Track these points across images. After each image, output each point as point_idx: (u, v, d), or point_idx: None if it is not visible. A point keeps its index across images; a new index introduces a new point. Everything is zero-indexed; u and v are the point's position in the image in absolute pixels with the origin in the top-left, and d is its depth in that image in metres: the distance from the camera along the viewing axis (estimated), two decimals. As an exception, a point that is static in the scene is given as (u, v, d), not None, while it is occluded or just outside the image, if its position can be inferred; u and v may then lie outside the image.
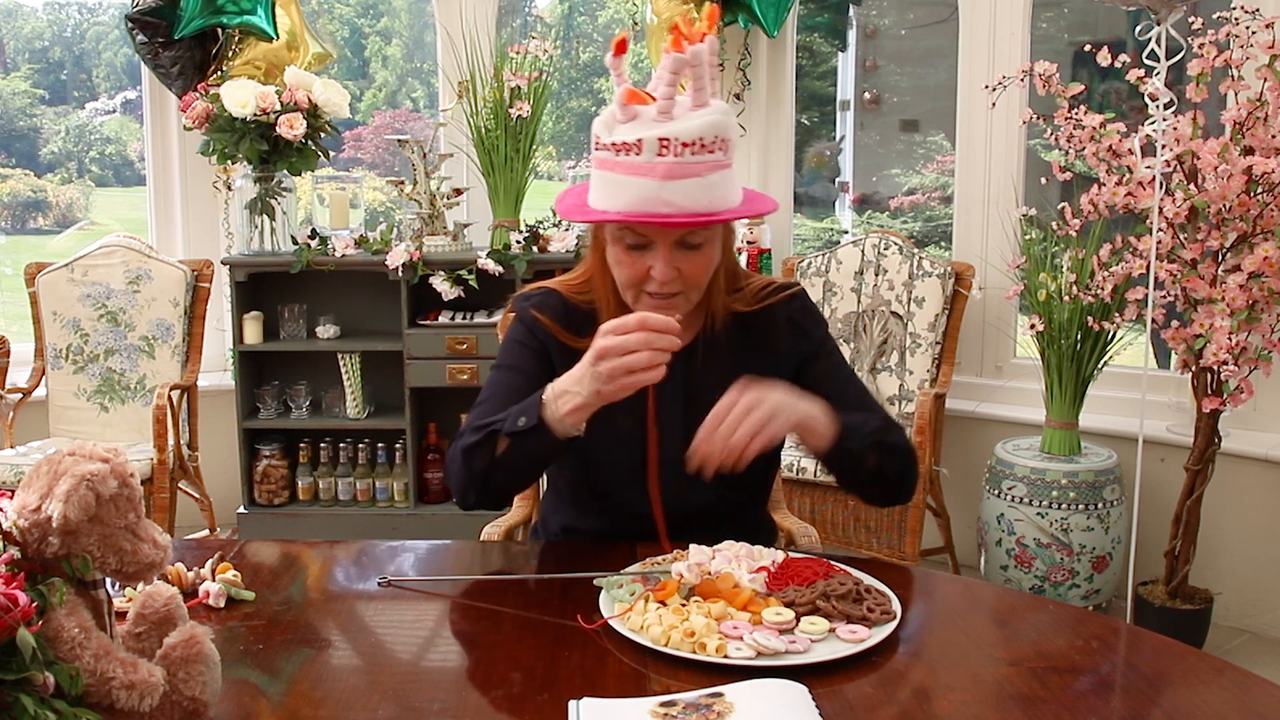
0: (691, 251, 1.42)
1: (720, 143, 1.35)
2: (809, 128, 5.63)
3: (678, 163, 1.32)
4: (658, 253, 1.40)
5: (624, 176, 1.35)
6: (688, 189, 1.33)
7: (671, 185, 1.33)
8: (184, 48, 3.54)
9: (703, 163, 1.34)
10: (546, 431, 1.35)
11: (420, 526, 3.55)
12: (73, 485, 0.88)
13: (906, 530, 3.02)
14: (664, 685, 1.07)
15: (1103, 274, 2.74)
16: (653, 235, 1.40)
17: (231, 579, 1.30)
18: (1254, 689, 1.09)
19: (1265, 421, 3.05)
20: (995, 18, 3.45)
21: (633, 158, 1.34)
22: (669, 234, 1.39)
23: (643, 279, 1.43)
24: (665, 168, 1.32)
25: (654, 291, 1.43)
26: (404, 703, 1.05)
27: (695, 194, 1.34)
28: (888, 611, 1.19)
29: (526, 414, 1.36)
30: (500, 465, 1.40)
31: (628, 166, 1.34)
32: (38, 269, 3.45)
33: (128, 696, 0.88)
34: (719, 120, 1.35)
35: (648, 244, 1.41)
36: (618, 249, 1.44)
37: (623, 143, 1.34)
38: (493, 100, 3.42)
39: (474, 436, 1.42)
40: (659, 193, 1.33)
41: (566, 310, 1.56)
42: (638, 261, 1.42)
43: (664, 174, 1.32)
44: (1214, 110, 2.59)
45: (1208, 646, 2.87)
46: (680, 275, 1.42)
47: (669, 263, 1.40)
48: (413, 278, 3.38)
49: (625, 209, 1.35)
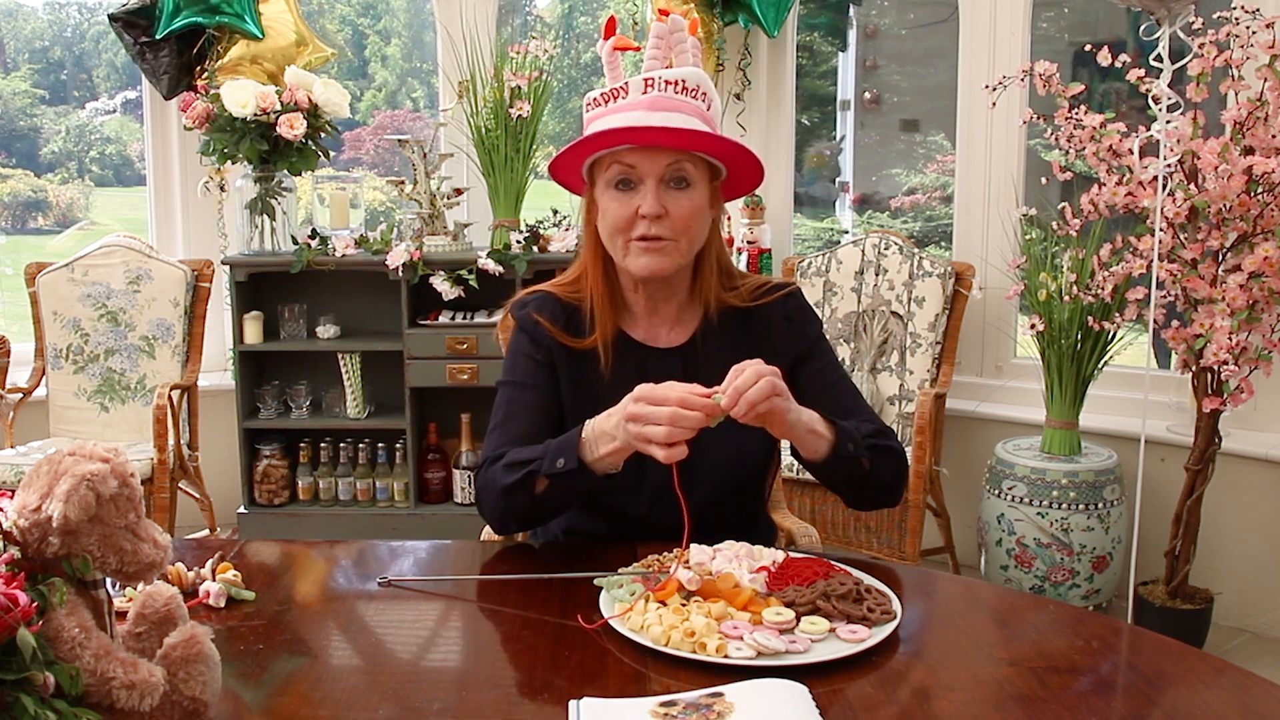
0: (679, 193, 1.45)
1: (702, 93, 1.44)
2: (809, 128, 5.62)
3: (662, 96, 1.41)
4: (645, 188, 1.43)
5: (610, 116, 1.42)
6: (671, 120, 1.40)
7: (657, 115, 1.40)
8: (169, 48, 3.54)
9: (685, 102, 1.42)
10: (587, 472, 1.37)
11: (420, 526, 3.55)
12: (73, 485, 0.88)
13: (906, 530, 3.02)
14: (664, 685, 1.07)
15: (1103, 274, 2.74)
16: (641, 168, 1.43)
17: (231, 579, 1.30)
18: (1254, 689, 1.09)
19: (1265, 421, 3.05)
20: (995, 18, 3.45)
21: (619, 101, 1.43)
22: (655, 163, 1.43)
23: (631, 222, 1.45)
24: (650, 100, 1.41)
25: (643, 234, 1.45)
26: (404, 703, 1.05)
27: (679, 125, 1.40)
28: (888, 611, 1.19)
29: (565, 455, 1.37)
30: (541, 503, 1.43)
31: (614, 109, 1.43)
32: (38, 269, 3.46)
33: (128, 696, 0.88)
34: (698, 73, 1.44)
35: (635, 180, 1.44)
36: (607, 196, 1.47)
37: (610, 90, 1.43)
38: (493, 100, 3.42)
39: (510, 476, 1.42)
40: (644, 120, 1.40)
41: (562, 311, 1.57)
42: (627, 202, 1.45)
43: (649, 105, 1.40)
44: (1214, 110, 2.59)
45: (1208, 646, 2.86)
46: (668, 216, 1.44)
47: (657, 197, 1.43)
48: (413, 278, 3.38)
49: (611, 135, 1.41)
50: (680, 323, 1.57)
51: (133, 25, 3.54)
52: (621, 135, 1.41)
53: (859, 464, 1.44)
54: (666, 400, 1.27)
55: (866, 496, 1.51)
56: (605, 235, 1.50)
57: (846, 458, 1.42)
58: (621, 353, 1.55)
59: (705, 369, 1.53)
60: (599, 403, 1.53)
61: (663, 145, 1.42)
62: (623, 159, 1.43)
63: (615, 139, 1.42)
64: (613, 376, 1.53)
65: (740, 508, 1.60)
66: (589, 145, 1.45)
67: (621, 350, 1.55)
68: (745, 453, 1.54)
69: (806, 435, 1.39)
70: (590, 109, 1.47)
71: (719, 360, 1.53)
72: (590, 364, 1.54)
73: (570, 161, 1.51)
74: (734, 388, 1.29)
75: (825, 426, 1.40)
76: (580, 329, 1.55)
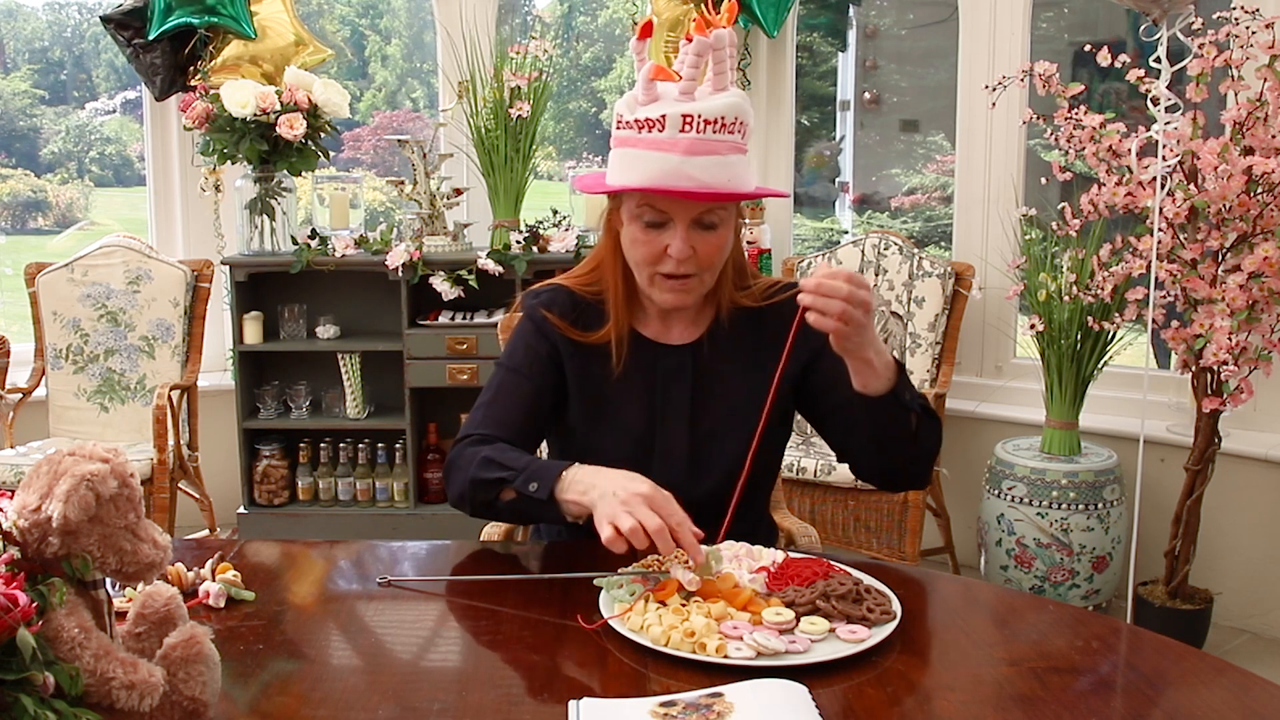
0: (707, 232, 1.44)
1: (740, 125, 1.39)
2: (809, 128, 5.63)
3: (700, 139, 1.36)
4: (675, 230, 1.42)
5: (646, 151, 1.38)
6: (708, 165, 1.37)
7: (693, 160, 1.36)
8: (162, 49, 3.54)
9: (723, 142, 1.38)
10: (553, 506, 1.37)
11: (420, 526, 3.55)
12: (73, 485, 0.88)
13: (906, 530, 3.02)
14: (664, 685, 1.07)
15: (1103, 274, 2.74)
16: (672, 212, 1.42)
17: (231, 579, 1.29)
18: (1254, 689, 1.08)
19: (1265, 421, 3.05)
20: (995, 18, 3.45)
21: (655, 134, 1.37)
22: (688, 210, 1.41)
23: (658, 258, 1.45)
24: (687, 143, 1.36)
25: (670, 272, 1.45)
26: (404, 703, 1.05)
27: (715, 171, 1.37)
28: (888, 611, 1.19)
29: (540, 481, 1.38)
30: (502, 510, 1.45)
31: (650, 142, 1.38)
32: (38, 269, 3.45)
33: (128, 696, 0.88)
34: (739, 104, 1.39)
35: (665, 222, 1.43)
36: (635, 227, 1.45)
37: (646, 119, 1.38)
38: (493, 100, 3.42)
39: (484, 472, 1.43)
40: (681, 167, 1.36)
41: (575, 306, 1.57)
42: (654, 240, 1.44)
43: (686, 149, 1.36)
44: (1214, 110, 2.59)
45: (1208, 646, 2.87)
46: (695, 255, 1.44)
47: (686, 240, 1.42)
48: (413, 278, 3.38)
49: (646, 182, 1.38)
50: (693, 322, 1.58)
51: (125, 26, 3.54)
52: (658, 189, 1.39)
53: (908, 418, 1.42)
54: (670, 516, 1.26)
55: (902, 461, 1.47)
56: (631, 262, 1.50)
57: (901, 405, 1.40)
58: (633, 349, 1.55)
59: (714, 367, 1.55)
60: (607, 397, 1.54)
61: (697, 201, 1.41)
62: (655, 203, 1.42)
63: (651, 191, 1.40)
64: (623, 372, 1.53)
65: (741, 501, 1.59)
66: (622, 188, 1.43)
67: (632, 347, 1.55)
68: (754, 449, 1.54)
69: (868, 365, 1.36)
70: (622, 126, 1.42)
71: (728, 359, 1.55)
72: (600, 359, 1.54)
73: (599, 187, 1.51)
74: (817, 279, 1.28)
75: (889, 368, 1.38)
76: (591, 323, 1.56)
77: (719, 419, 1.54)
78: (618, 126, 1.43)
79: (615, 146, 1.44)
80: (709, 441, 1.54)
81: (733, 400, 1.54)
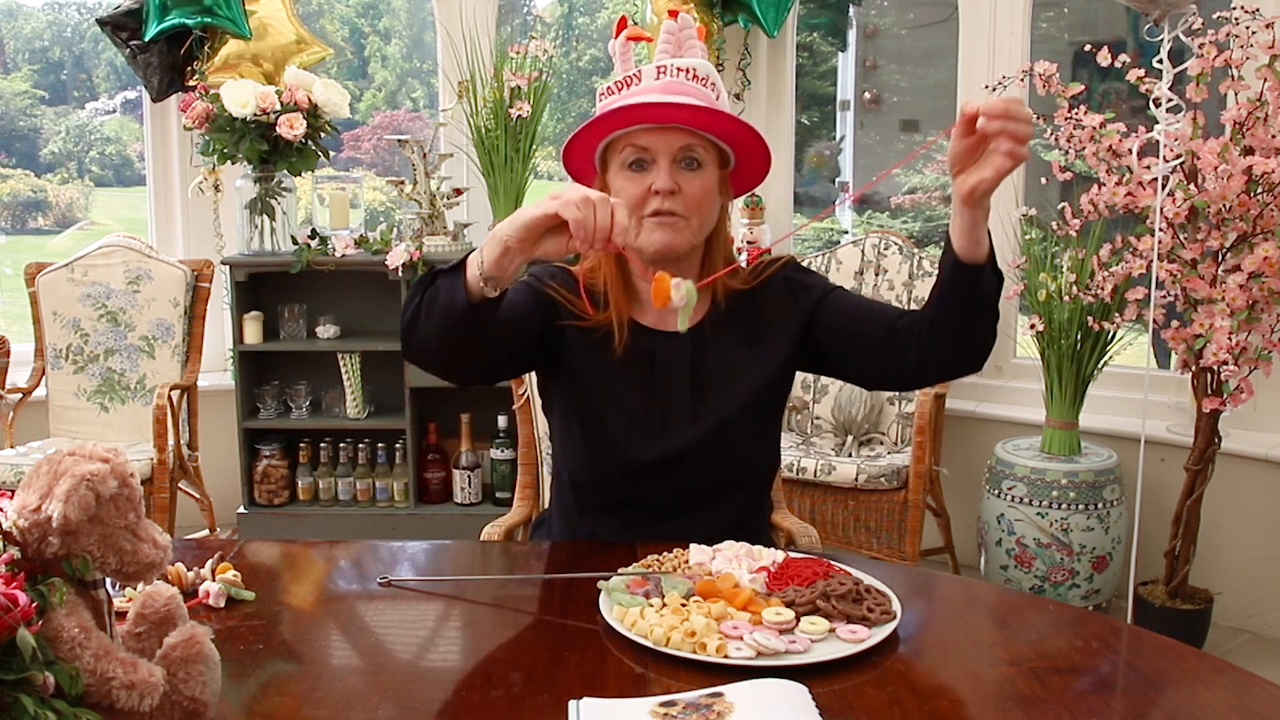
0: (690, 172, 1.48)
1: (711, 83, 1.49)
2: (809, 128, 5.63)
3: (674, 81, 1.46)
4: (659, 167, 1.46)
5: (625, 100, 1.46)
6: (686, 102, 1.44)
7: (671, 97, 1.44)
8: (158, 50, 3.54)
9: (696, 89, 1.47)
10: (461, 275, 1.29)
11: (420, 526, 3.55)
12: (73, 485, 0.88)
13: (906, 530, 3.02)
14: (664, 685, 1.07)
15: (1103, 274, 2.74)
16: (654, 148, 1.46)
17: (231, 579, 1.29)
18: (1254, 689, 1.08)
19: (1265, 421, 3.04)
20: (995, 18, 3.45)
21: (632, 88, 1.48)
22: (669, 144, 1.46)
23: (644, 198, 1.47)
24: (663, 85, 1.46)
25: (656, 209, 1.47)
26: (404, 703, 1.05)
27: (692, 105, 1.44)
28: (888, 611, 1.19)
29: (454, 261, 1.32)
30: (425, 310, 1.33)
31: (628, 95, 1.48)
32: (38, 269, 3.45)
33: (128, 696, 0.88)
34: (709, 65, 1.50)
35: (648, 160, 1.47)
36: (620, 177, 1.49)
37: (624, 78, 1.49)
38: (493, 100, 3.42)
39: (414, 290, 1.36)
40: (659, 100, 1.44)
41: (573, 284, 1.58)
42: (639, 180, 1.47)
43: (662, 89, 1.45)
44: (1214, 110, 2.59)
45: (1208, 646, 2.86)
46: (681, 193, 1.47)
47: (670, 173, 1.46)
48: (413, 277, 3.38)
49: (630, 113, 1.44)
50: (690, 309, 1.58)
51: (122, 28, 3.54)
52: (637, 112, 1.43)
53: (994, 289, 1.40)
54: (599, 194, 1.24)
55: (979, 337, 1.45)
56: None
57: (995, 273, 1.39)
58: (632, 336, 1.55)
59: (714, 352, 1.56)
60: (607, 379, 1.54)
61: (677, 122, 1.45)
62: (636, 140, 1.46)
63: (631, 116, 1.44)
64: (623, 355, 1.53)
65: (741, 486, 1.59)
66: (605, 124, 1.47)
67: (632, 334, 1.56)
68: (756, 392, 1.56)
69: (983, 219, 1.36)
70: (604, 97, 1.50)
71: (728, 343, 1.56)
72: (599, 340, 1.55)
73: (584, 145, 1.52)
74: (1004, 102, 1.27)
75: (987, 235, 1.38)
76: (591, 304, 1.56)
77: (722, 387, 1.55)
78: (600, 100, 1.51)
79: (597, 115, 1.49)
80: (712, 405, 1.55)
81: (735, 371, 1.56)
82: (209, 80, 3.50)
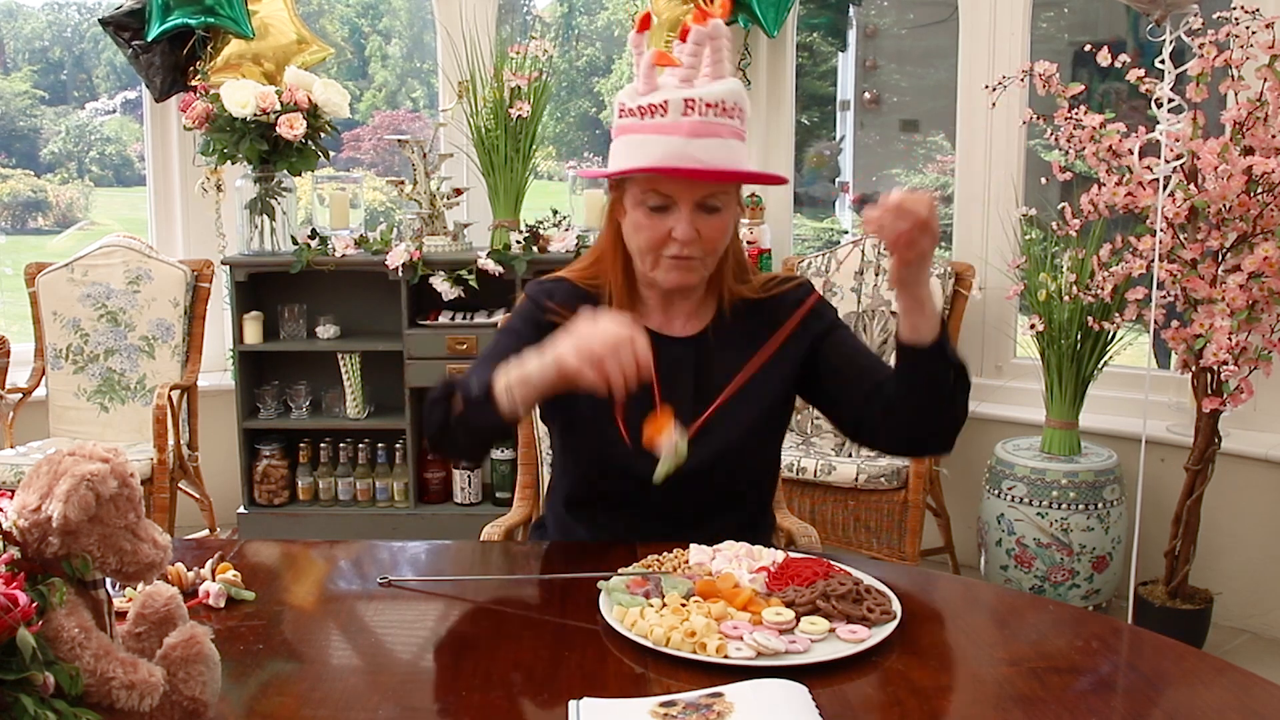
0: (710, 215, 1.45)
1: (738, 111, 1.43)
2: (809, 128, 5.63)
3: (702, 122, 1.39)
4: (679, 213, 1.44)
5: (650, 136, 1.41)
6: (711, 147, 1.39)
7: (697, 142, 1.39)
8: (161, 50, 3.54)
9: (724, 125, 1.41)
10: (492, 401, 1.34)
11: (420, 526, 3.55)
12: (73, 485, 0.88)
13: (906, 530, 3.02)
14: (664, 685, 1.07)
15: (1103, 274, 2.74)
16: (676, 195, 1.43)
17: (231, 579, 1.29)
18: (1254, 689, 1.08)
19: (1265, 421, 3.05)
20: (995, 18, 3.45)
21: (658, 119, 1.40)
22: (692, 192, 1.43)
23: (663, 242, 1.46)
24: (690, 125, 1.39)
25: (674, 255, 1.46)
26: (404, 703, 1.05)
27: (718, 153, 1.40)
28: (888, 611, 1.19)
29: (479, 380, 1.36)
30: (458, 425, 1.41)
31: (654, 127, 1.41)
32: (38, 269, 3.45)
33: (128, 696, 0.88)
34: (737, 89, 1.43)
35: (669, 205, 1.44)
36: (638, 213, 1.46)
37: (649, 105, 1.41)
38: (493, 100, 3.42)
39: (439, 393, 1.44)
40: (685, 149, 1.39)
41: (576, 297, 1.58)
42: (658, 224, 1.45)
43: (689, 131, 1.39)
44: (1214, 110, 2.59)
45: (1208, 646, 2.87)
46: (699, 238, 1.45)
47: (691, 222, 1.43)
48: (413, 278, 3.38)
49: (653, 164, 1.40)
50: (695, 315, 1.58)
51: (124, 27, 3.54)
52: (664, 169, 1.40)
53: (948, 373, 1.40)
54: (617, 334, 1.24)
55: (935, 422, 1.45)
56: (633, 248, 1.51)
57: (945, 357, 1.39)
58: None
59: (718, 358, 1.55)
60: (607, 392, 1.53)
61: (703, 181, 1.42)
62: (659, 187, 1.44)
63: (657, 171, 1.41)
64: None
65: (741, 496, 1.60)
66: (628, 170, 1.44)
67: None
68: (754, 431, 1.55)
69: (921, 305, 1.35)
70: (624, 115, 1.45)
71: (732, 350, 1.55)
72: None
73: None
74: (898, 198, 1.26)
75: (936, 316, 1.37)
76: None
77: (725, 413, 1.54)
78: (620, 115, 1.45)
79: (618, 135, 1.46)
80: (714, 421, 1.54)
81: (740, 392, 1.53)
82: (211, 80, 3.49)
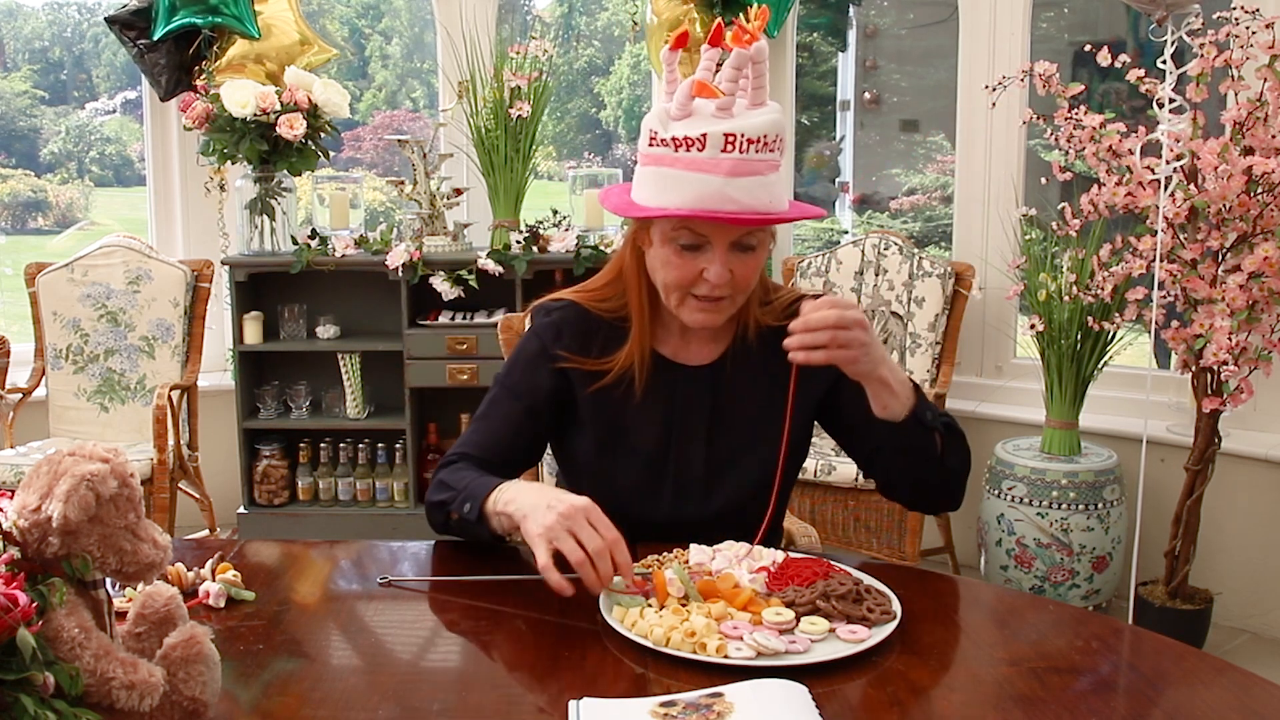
0: (745, 254, 1.38)
1: (779, 142, 1.34)
2: (809, 128, 5.63)
3: (742, 160, 1.30)
4: (713, 254, 1.36)
5: (684, 172, 1.32)
6: (750, 187, 1.31)
7: (736, 182, 1.30)
8: (167, 49, 3.55)
9: (764, 161, 1.32)
10: (485, 525, 1.36)
11: (420, 526, 3.52)
12: (73, 485, 0.88)
13: (906, 530, 3.02)
14: (664, 685, 1.07)
15: (1103, 274, 2.74)
16: (711, 235, 1.36)
17: (231, 579, 1.29)
18: (1255, 689, 1.08)
19: (1265, 421, 3.05)
20: (995, 18, 3.45)
21: (695, 154, 1.31)
22: (728, 234, 1.36)
23: (693, 281, 1.39)
24: (730, 164, 1.30)
25: (703, 295, 1.39)
26: (404, 703, 1.05)
27: (757, 192, 1.32)
28: (888, 611, 1.19)
29: (472, 501, 1.36)
30: (454, 530, 1.44)
31: (689, 163, 1.31)
32: (38, 269, 3.45)
33: (128, 696, 0.88)
34: (779, 120, 1.34)
35: (703, 244, 1.37)
36: (668, 250, 1.39)
37: (684, 138, 1.31)
38: (493, 100, 3.42)
39: (437, 494, 1.43)
40: (723, 189, 1.30)
41: (588, 327, 1.51)
42: (690, 263, 1.38)
43: (729, 170, 1.30)
44: (1214, 110, 2.59)
45: (1208, 646, 2.86)
46: (732, 278, 1.38)
47: (725, 264, 1.36)
48: (413, 278, 3.38)
49: (687, 205, 1.32)
50: (713, 340, 1.52)
51: (130, 26, 3.54)
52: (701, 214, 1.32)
53: (932, 439, 1.38)
54: (607, 531, 1.22)
55: (931, 486, 1.44)
56: (659, 282, 1.44)
57: (923, 427, 1.36)
58: (651, 370, 1.50)
59: (734, 388, 1.50)
60: (622, 421, 1.49)
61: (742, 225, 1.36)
62: (694, 226, 1.35)
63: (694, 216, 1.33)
64: (642, 397, 1.49)
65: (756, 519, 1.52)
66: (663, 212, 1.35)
67: (651, 368, 1.50)
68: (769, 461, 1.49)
69: (885, 386, 1.34)
70: (655, 144, 1.35)
71: (748, 380, 1.50)
72: (615, 382, 1.49)
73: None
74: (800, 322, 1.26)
75: (906, 388, 1.36)
76: (606, 344, 1.50)
77: (737, 439, 1.50)
78: (650, 144, 1.36)
79: (647, 164, 1.37)
80: (726, 462, 1.50)
81: (752, 420, 1.50)
82: (216, 80, 3.49)
